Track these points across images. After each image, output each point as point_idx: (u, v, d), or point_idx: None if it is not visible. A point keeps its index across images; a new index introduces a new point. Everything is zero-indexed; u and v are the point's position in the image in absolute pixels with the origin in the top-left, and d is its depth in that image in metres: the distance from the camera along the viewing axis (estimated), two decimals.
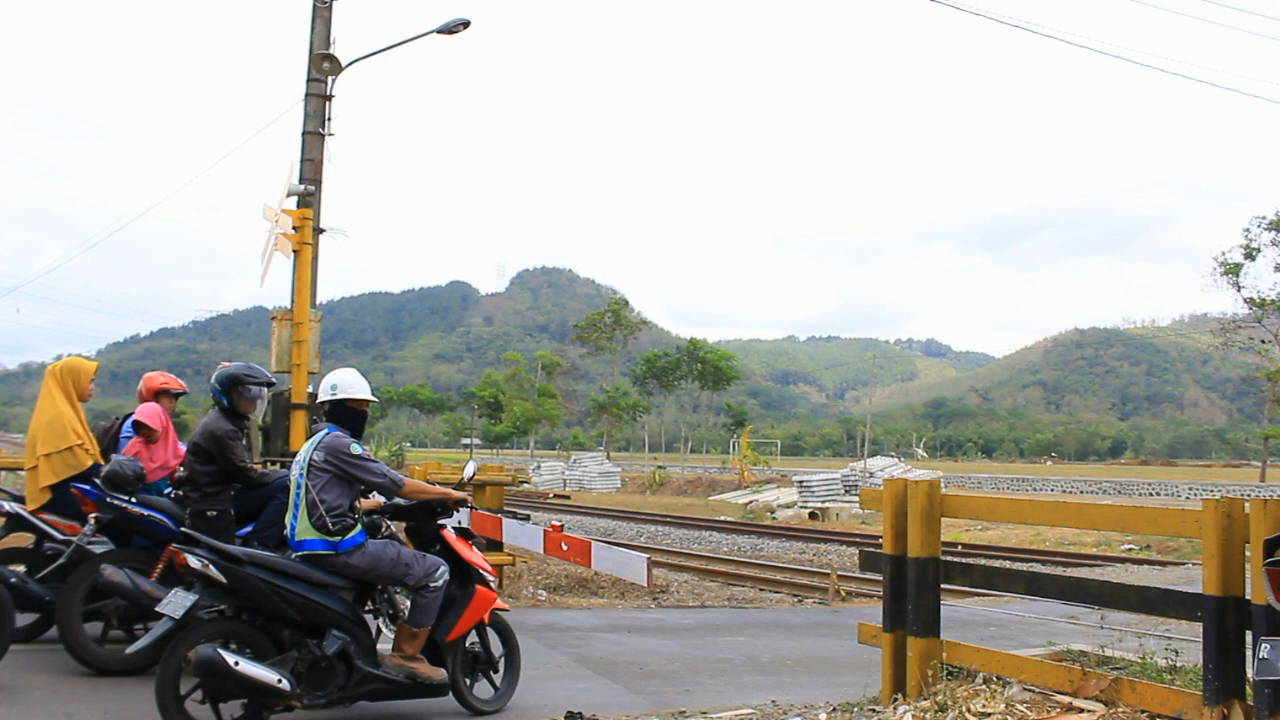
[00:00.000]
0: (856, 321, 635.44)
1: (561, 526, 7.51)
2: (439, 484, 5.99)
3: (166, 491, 6.43)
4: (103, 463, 6.37)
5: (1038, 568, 18.48)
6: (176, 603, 4.67)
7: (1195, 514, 4.19)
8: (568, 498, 44.60)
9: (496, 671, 5.74)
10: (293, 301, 10.50)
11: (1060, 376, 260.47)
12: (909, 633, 5.21)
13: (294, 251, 10.22)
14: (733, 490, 47.63)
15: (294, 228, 10.16)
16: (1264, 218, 47.25)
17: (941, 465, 77.18)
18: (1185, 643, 5.63)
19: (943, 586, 5.26)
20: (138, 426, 6.60)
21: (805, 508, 37.55)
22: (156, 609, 4.73)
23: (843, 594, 13.62)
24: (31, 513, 6.25)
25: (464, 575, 5.52)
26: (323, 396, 5.42)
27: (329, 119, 11.85)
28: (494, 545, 8.90)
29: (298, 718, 5.07)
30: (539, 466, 58.11)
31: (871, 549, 6.22)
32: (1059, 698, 4.65)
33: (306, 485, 5.12)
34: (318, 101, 11.89)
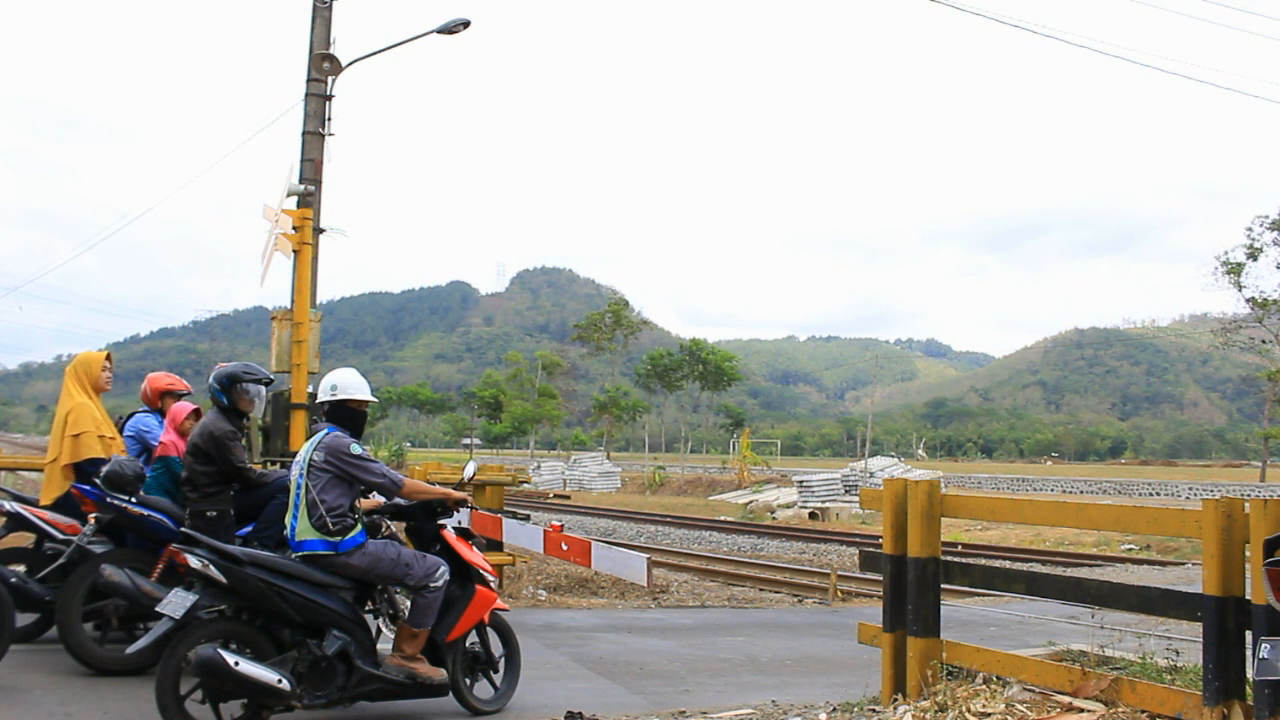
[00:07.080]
0: (862, 322, 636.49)
1: (561, 526, 7.49)
2: (439, 484, 5.98)
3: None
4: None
5: (1038, 568, 18.47)
6: (176, 603, 4.67)
7: (1195, 514, 4.19)
8: (568, 498, 44.59)
9: (496, 671, 5.74)
10: (293, 301, 10.48)
11: (1060, 376, 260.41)
12: (909, 633, 5.21)
13: (294, 251, 10.20)
14: (733, 490, 47.64)
15: (294, 228, 10.14)
16: (1267, 217, 47.22)
17: (941, 465, 77.18)
18: (1185, 643, 5.63)
19: (943, 586, 5.26)
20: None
21: (805, 508, 37.56)
22: (156, 609, 4.73)
23: (843, 594, 13.60)
24: (31, 512, 6.25)
25: (464, 575, 5.52)
26: (322, 397, 5.41)
27: (329, 119, 11.84)
28: (494, 545, 8.89)
29: (298, 718, 5.07)
30: (539, 466, 58.08)
31: (871, 549, 6.21)
32: (1059, 698, 4.65)
33: (307, 485, 5.12)
34: (318, 101, 11.88)
